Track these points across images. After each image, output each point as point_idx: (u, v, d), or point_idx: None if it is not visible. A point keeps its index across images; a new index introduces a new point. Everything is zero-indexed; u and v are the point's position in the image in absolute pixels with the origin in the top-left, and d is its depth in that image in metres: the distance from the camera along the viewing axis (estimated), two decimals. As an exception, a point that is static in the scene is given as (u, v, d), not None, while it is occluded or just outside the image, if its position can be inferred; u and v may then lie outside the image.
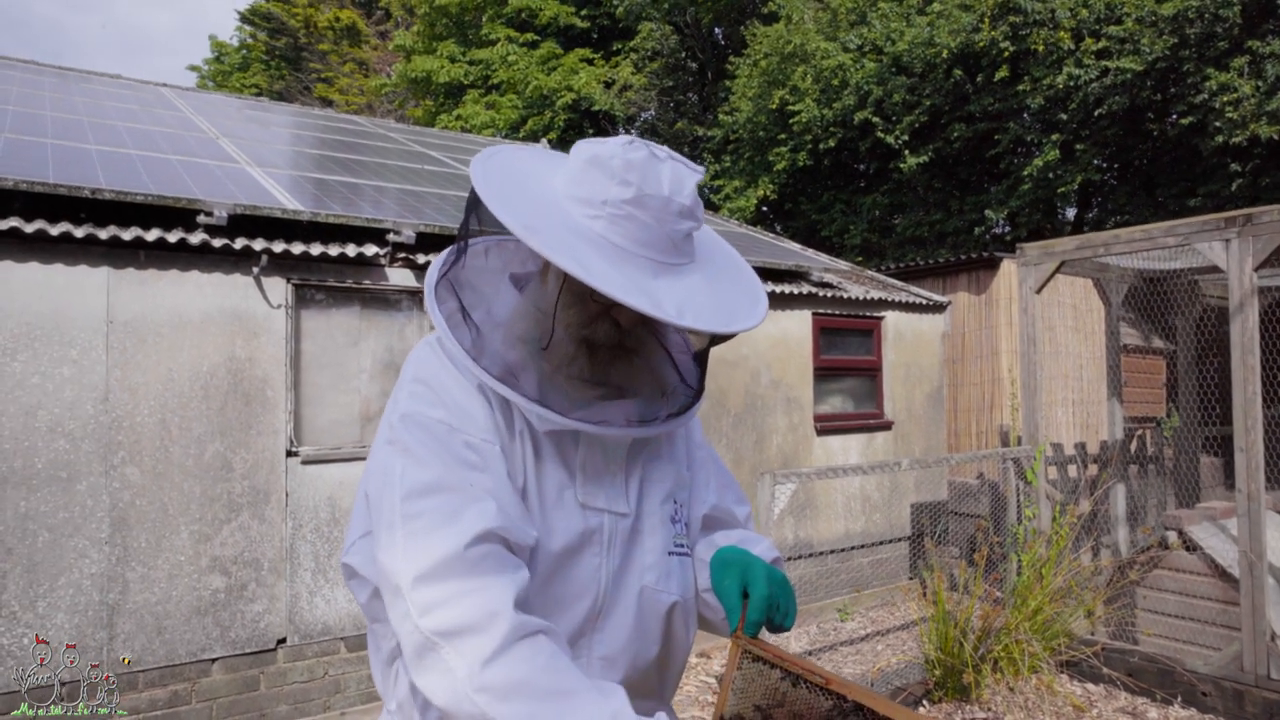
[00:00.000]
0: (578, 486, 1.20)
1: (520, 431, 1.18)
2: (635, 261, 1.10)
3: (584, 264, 1.03)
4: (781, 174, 15.95)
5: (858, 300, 6.84)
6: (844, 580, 6.67)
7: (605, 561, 1.20)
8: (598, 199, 1.11)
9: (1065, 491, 5.99)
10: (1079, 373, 8.76)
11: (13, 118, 5.51)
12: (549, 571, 1.17)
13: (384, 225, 4.72)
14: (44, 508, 3.74)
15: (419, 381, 1.18)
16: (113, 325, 3.92)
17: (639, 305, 1.03)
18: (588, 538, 1.19)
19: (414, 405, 1.15)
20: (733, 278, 1.22)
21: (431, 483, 1.08)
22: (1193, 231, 4.56)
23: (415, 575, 1.02)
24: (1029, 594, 4.52)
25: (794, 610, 1.18)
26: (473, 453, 1.12)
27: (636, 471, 1.26)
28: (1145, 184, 13.92)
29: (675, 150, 1.17)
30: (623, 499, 1.23)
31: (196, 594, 4.05)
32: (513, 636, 0.99)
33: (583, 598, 1.19)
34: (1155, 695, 4.46)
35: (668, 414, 1.23)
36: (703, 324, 1.09)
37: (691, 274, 1.15)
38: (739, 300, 1.18)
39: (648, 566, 1.23)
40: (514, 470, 1.16)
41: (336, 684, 4.43)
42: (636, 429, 1.19)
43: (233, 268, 4.23)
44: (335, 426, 4.53)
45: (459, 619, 0.99)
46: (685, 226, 1.13)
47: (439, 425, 1.13)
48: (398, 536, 1.05)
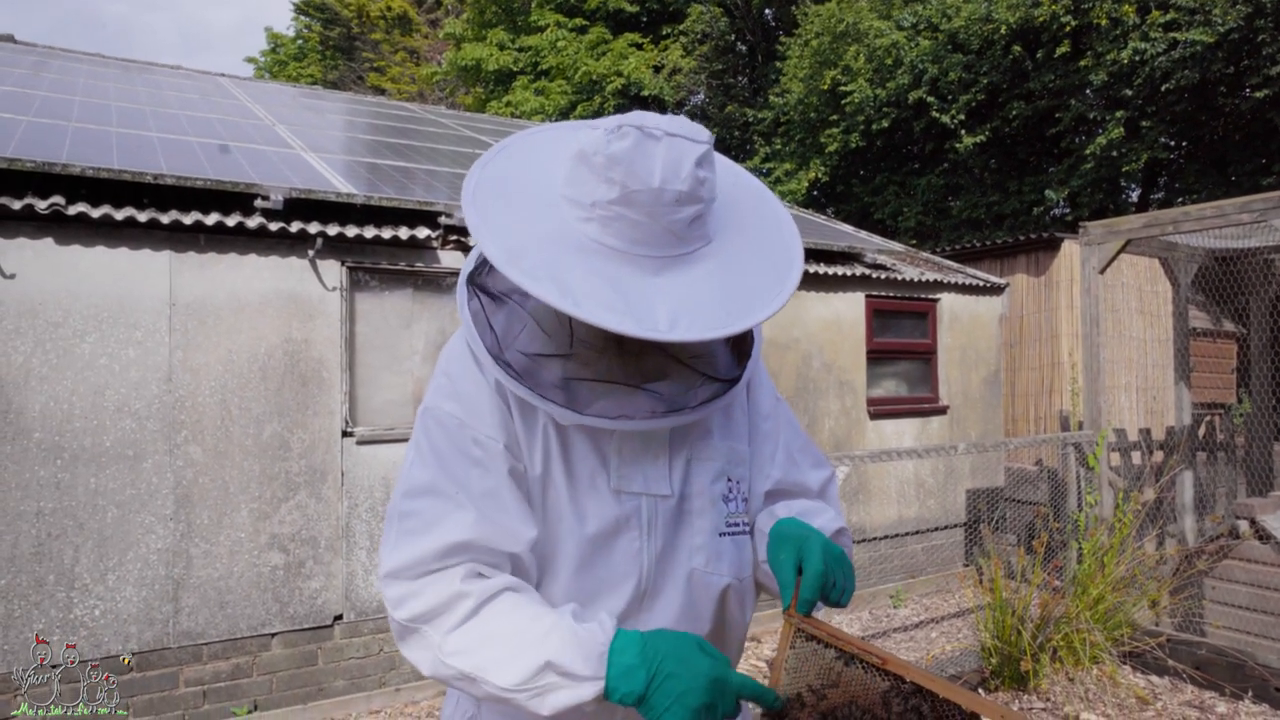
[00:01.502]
0: (611, 472, 1.18)
1: (545, 423, 1.17)
2: (634, 263, 1.04)
3: (564, 287, 0.99)
4: (833, 156, 15.72)
5: (912, 282, 6.70)
6: (897, 566, 6.57)
7: (646, 545, 1.18)
8: (586, 200, 1.05)
9: (1128, 478, 5.81)
10: (1143, 357, 8.48)
11: (80, 108, 5.67)
12: (587, 555, 1.17)
13: (435, 208, 4.75)
14: (112, 485, 3.86)
15: (444, 374, 1.20)
16: (175, 308, 4.02)
17: (621, 328, 0.97)
18: (623, 522, 1.17)
19: (434, 399, 1.19)
20: (759, 249, 1.12)
21: (426, 485, 1.13)
22: (1270, 207, 4.36)
23: (386, 571, 1.11)
24: (1090, 582, 4.40)
25: (851, 586, 1.14)
26: (479, 448, 1.14)
27: (683, 452, 1.22)
28: (1216, 162, 13.38)
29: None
30: (665, 481, 1.20)
31: (256, 570, 4.16)
32: (476, 605, 1.07)
33: (627, 580, 1.18)
34: (1224, 690, 4.31)
35: (700, 400, 1.17)
36: (697, 333, 1.00)
37: (704, 261, 1.07)
38: (758, 282, 1.08)
39: (696, 548, 1.21)
40: (529, 463, 1.16)
41: (392, 661, 4.51)
42: (661, 420, 1.14)
43: (288, 251, 4.30)
44: (389, 407, 4.59)
45: (425, 606, 1.08)
46: (686, 214, 1.04)
47: (451, 419, 1.16)
48: (392, 531, 1.14)
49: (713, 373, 1.18)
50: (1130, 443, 6.26)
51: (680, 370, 1.17)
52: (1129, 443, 6.25)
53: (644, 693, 1.00)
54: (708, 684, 1.01)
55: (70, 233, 3.82)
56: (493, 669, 1.04)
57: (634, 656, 1.02)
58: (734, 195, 1.18)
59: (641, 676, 1.01)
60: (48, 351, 3.76)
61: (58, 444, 3.75)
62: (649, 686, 1.00)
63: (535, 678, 1.02)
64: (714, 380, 1.19)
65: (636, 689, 1.00)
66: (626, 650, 1.03)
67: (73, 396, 3.79)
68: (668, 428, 1.18)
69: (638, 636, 1.04)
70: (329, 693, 4.34)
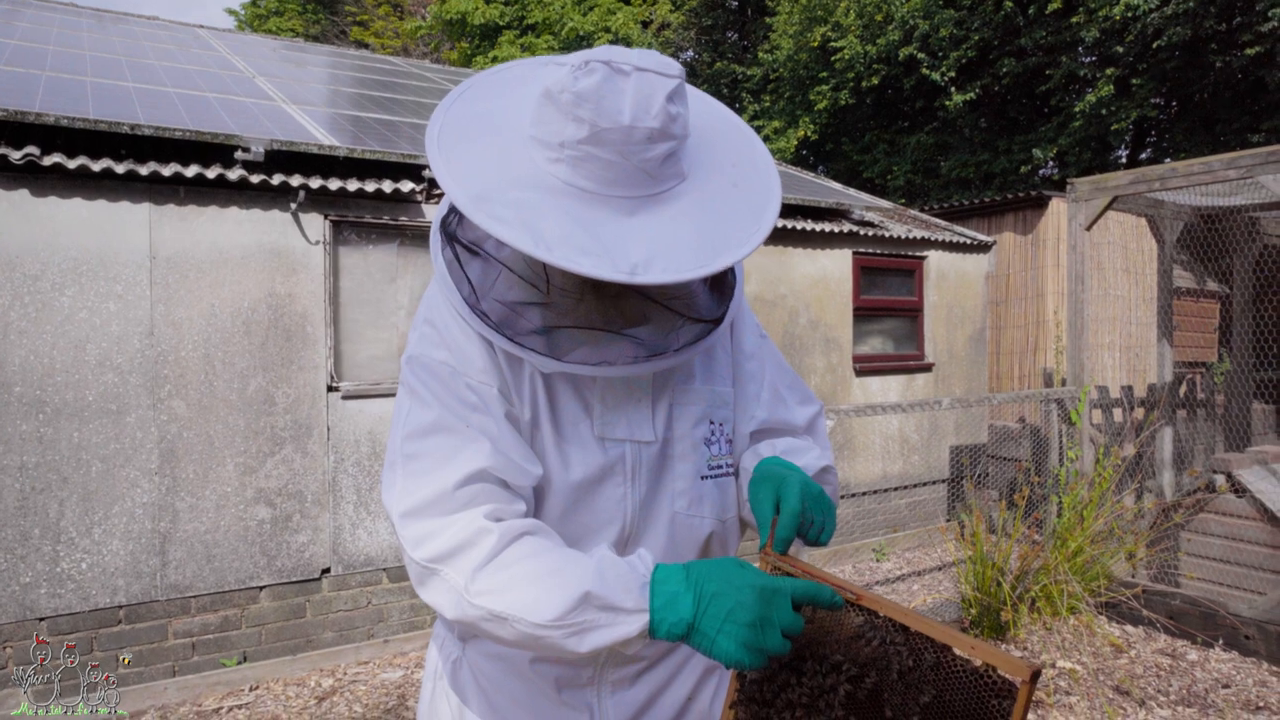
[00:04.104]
0: (595, 419, 1.17)
1: (530, 371, 1.16)
2: (606, 204, 1.01)
3: (535, 232, 0.96)
4: (823, 114, 15.58)
5: (899, 239, 6.70)
6: (881, 521, 6.66)
7: (630, 491, 1.19)
8: (555, 140, 1.01)
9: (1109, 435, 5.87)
10: (1127, 315, 8.53)
11: (53, 57, 5.54)
12: (571, 502, 1.17)
13: (420, 161, 4.69)
14: (96, 439, 3.85)
15: (428, 323, 1.18)
16: (155, 261, 3.97)
17: (595, 272, 0.94)
18: (608, 469, 1.17)
19: (421, 347, 1.16)
20: (735, 186, 1.09)
21: (431, 424, 1.11)
22: (1257, 163, 4.35)
23: (403, 512, 1.08)
24: (1069, 535, 4.47)
25: (831, 524, 1.14)
26: (473, 394, 1.12)
27: (665, 397, 1.21)
28: (1204, 121, 13.34)
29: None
30: (648, 426, 1.19)
31: (243, 524, 4.17)
32: (500, 544, 1.04)
33: (610, 525, 1.18)
34: (1196, 638, 4.41)
35: (681, 344, 1.15)
36: (673, 275, 0.97)
37: (679, 199, 1.04)
38: (734, 221, 1.05)
39: (679, 492, 1.21)
40: (519, 409, 1.15)
41: (380, 613, 4.56)
42: (643, 365, 1.12)
43: (271, 204, 4.25)
44: (374, 362, 4.58)
45: (447, 544, 1.04)
46: (658, 151, 1.01)
47: (442, 367, 1.13)
48: (397, 475, 1.11)
49: (693, 314, 1.17)
50: (1112, 399, 6.32)
51: (660, 313, 1.16)
52: (1111, 399, 6.30)
53: (692, 619, 0.96)
54: (757, 595, 0.96)
55: (46, 184, 3.76)
56: (526, 606, 0.99)
57: (678, 583, 0.99)
58: (708, 130, 1.14)
59: (688, 602, 0.97)
60: (26, 305, 3.71)
61: (39, 398, 3.73)
62: (696, 611, 0.96)
63: (574, 612, 0.98)
64: (695, 322, 1.17)
65: (685, 616, 0.96)
66: (669, 579, 0.99)
67: (53, 350, 3.76)
68: (650, 373, 1.18)
69: (679, 566, 1.01)
70: (318, 644, 4.38)
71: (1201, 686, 3.90)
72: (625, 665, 1.25)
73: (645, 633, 0.98)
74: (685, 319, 1.16)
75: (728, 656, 0.96)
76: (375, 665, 4.34)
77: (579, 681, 1.24)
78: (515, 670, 1.24)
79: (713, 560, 1.02)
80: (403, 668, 4.31)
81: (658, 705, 1.28)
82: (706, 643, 0.97)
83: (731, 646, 0.96)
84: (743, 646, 0.95)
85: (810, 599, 1.01)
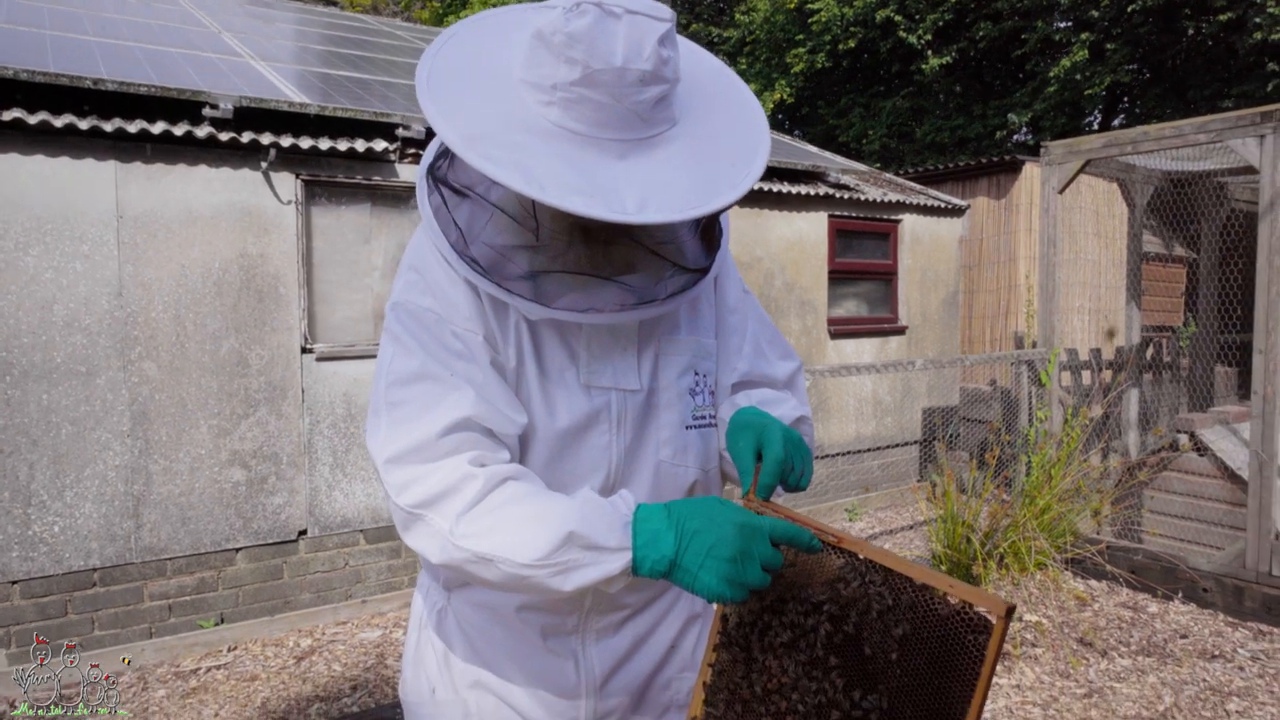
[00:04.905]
0: (581, 367, 1.18)
1: (516, 319, 1.16)
2: (599, 147, 1.01)
3: (528, 172, 0.96)
4: (799, 77, 15.49)
5: (875, 203, 6.71)
6: (853, 482, 6.75)
7: (615, 439, 1.20)
8: (547, 83, 1.01)
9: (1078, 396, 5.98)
10: (1098, 279, 8.65)
11: (7, 7, 5.35)
12: (557, 449, 1.18)
13: (393, 119, 4.62)
14: (65, 401, 3.79)
15: (413, 269, 1.17)
16: (123, 220, 3.89)
17: (589, 211, 0.94)
18: (594, 417, 1.18)
19: (406, 294, 1.16)
20: (725, 132, 1.10)
21: (415, 372, 1.10)
22: (1226, 127, 4.41)
23: (388, 458, 1.08)
24: (1038, 494, 4.57)
25: (810, 470, 1.16)
26: (459, 341, 1.12)
27: (651, 346, 1.22)
28: (1176, 86, 13.45)
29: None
30: (633, 375, 1.20)
31: (218, 486, 4.14)
32: (485, 489, 1.05)
33: (595, 473, 1.20)
34: (1156, 592, 4.54)
35: (669, 292, 1.16)
36: (666, 215, 0.98)
37: (670, 143, 1.04)
38: (724, 165, 1.05)
39: (664, 441, 1.23)
40: (505, 357, 1.15)
41: (357, 574, 4.57)
42: (630, 312, 1.13)
43: (241, 162, 4.17)
44: (349, 324, 4.54)
45: (432, 489, 1.05)
46: (650, 94, 1.01)
47: (428, 314, 1.13)
48: (381, 423, 1.10)
49: (681, 262, 1.17)
50: (1081, 362, 6.42)
51: (648, 261, 1.15)
52: (1080, 362, 6.41)
53: (674, 556, 0.99)
54: (736, 531, 0.99)
55: (6, 140, 3.65)
56: (512, 547, 1.01)
57: (660, 522, 1.01)
58: (698, 77, 1.14)
59: (670, 540, 0.99)
60: (-10, 264, 3.63)
61: (5, 360, 3.66)
62: (678, 548, 0.99)
63: (558, 552, 0.99)
64: (683, 271, 1.17)
65: (666, 553, 0.99)
66: (651, 517, 1.01)
67: (18, 311, 3.69)
68: (636, 321, 1.18)
69: (660, 505, 1.04)
70: (295, 605, 4.39)
71: (1161, 637, 4.03)
72: (610, 613, 1.27)
73: (628, 570, 1.00)
74: (673, 266, 1.16)
75: (709, 590, 0.99)
76: (353, 625, 4.36)
77: (564, 629, 1.26)
78: (501, 618, 1.26)
79: (694, 499, 1.04)
80: (381, 628, 4.33)
81: (641, 652, 1.31)
82: (689, 578, 0.99)
83: (713, 581, 0.98)
84: (724, 580, 0.98)
85: (788, 537, 1.03)
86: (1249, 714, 3.31)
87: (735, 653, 1.13)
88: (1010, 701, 3.45)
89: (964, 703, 0.94)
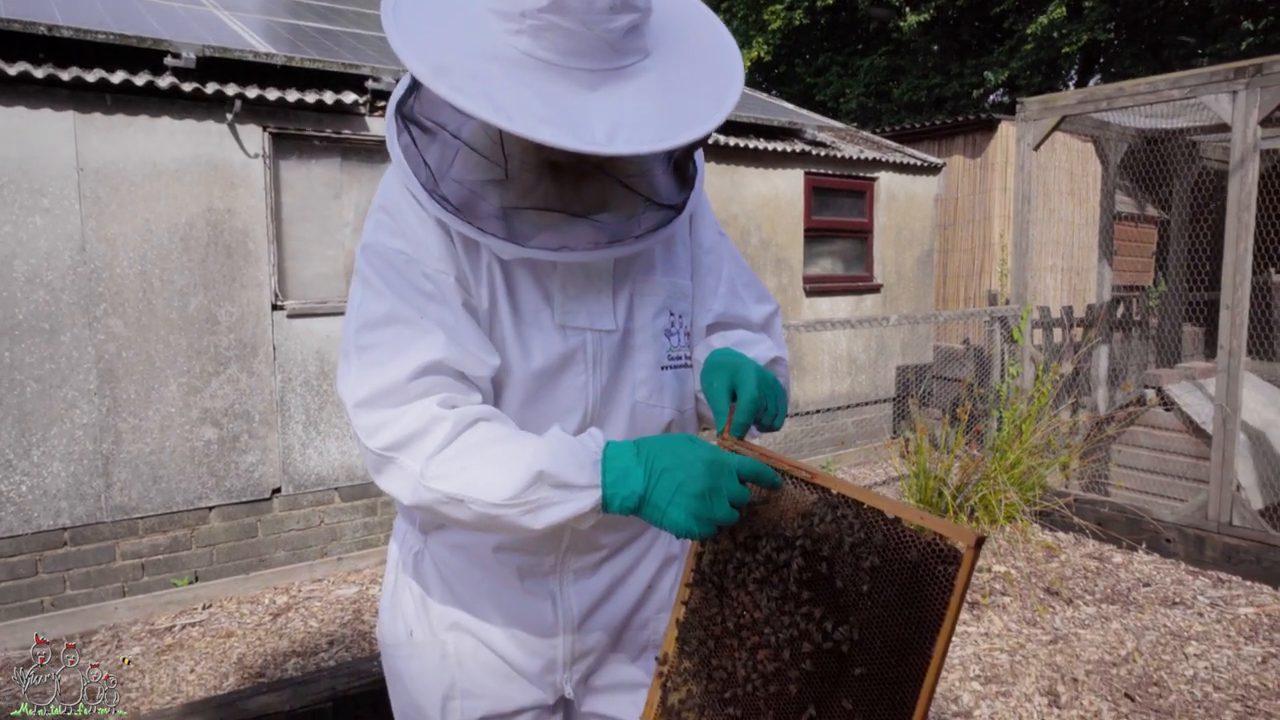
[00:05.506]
0: (555, 307, 1.17)
1: (489, 259, 1.14)
2: (569, 76, 0.98)
3: (495, 101, 0.93)
4: (776, 34, 15.33)
5: (851, 160, 6.69)
6: (828, 439, 6.82)
7: (591, 379, 1.19)
8: (515, 10, 0.98)
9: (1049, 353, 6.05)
10: (1070, 238, 8.72)
11: (-42, -47, 5.14)
12: (532, 391, 1.17)
13: (362, 71, 4.51)
14: (29, 359, 3.72)
15: (383, 210, 1.15)
16: (84, 173, 3.79)
17: (558, 141, 0.92)
18: (569, 357, 1.18)
19: (376, 235, 1.14)
20: (698, 65, 1.07)
21: (385, 315, 1.09)
22: (1200, 83, 4.42)
23: (357, 401, 1.08)
24: (1008, 448, 4.64)
25: (784, 410, 1.17)
26: (430, 283, 1.11)
27: (626, 286, 1.21)
28: (1152, 46, 13.47)
29: None
30: (609, 316, 1.20)
31: (189, 445, 4.10)
32: (455, 431, 1.05)
33: (572, 414, 1.19)
34: (1121, 543, 4.65)
35: (643, 230, 1.14)
36: (637, 146, 0.96)
37: (640, 75, 1.02)
38: (697, 98, 1.03)
39: (639, 382, 1.22)
40: (477, 298, 1.14)
41: (333, 531, 4.56)
42: (604, 250, 1.11)
43: (205, 114, 4.06)
44: (320, 280, 4.47)
45: (401, 432, 1.05)
46: (621, 22, 0.98)
47: (398, 255, 1.12)
48: (351, 366, 1.10)
49: (655, 198, 1.15)
50: (1053, 319, 6.49)
51: (622, 198, 1.13)
52: (1052, 319, 6.48)
53: (643, 492, 1.00)
54: (705, 468, 1.00)
55: (-41, 88, 3.53)
56: (482, 487, 1.01)
57: (629, 459, 1.02)
58: (673, 10, 1.12)
59: (639, 476, 1.00)
60: (-54, 217, 3.53)
61: (-34, 316, 3.58)
62: (647, 485, 1.00)
63: (528, 490, 1.00)
64: (656, 208, 1.15)
65: (635, 490, 1.00)
66: (620, 455, 1.02)
67: (-22, 266, 3.59)
68: (610, 259, 1.17)
69: (629, 443, 1.04)
70: (270, 563, 4.38)
71: (1125, 585, 4.13)
72: (587, 553, 1.27)
73: (598, 508, 1.01)
74: (647, 202, 1.14)
75: (677, 526, 1.00)
76: (329, 582, 4.36)
77: (541, 570, 1.26)
78: (478, 560, 1.26)
79: (663, 436, 1.05)
80: (357, 584, 4.34)
81: (619, 593, 1.31)
82: (657, 514, 1.00)
83: (681, 517, 0.99)
84: (692, 516, 0.99)
85: (755, 474, 1.05)
86: (1206, 656, 3.41)
87: (708, 590, 1.14)
88: (978, 649, 3.52)
89: (933, 631, 0.96)
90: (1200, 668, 3.33)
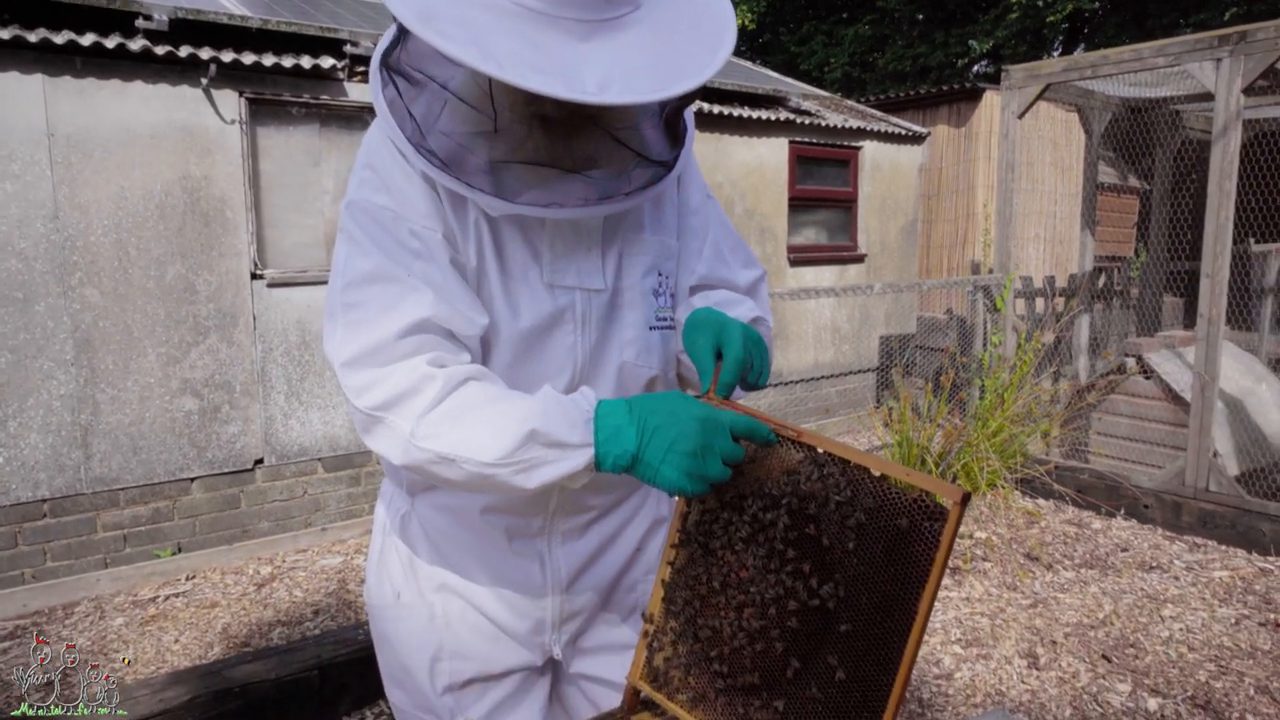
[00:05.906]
0: (544, 265, 1.15)
1: (476, 216, 1.12)
2: (559, 26, 0.96)
3: (484, 49, 0.91)
4: (761, 3, 15.17)
5: (836, 129, 6.66)
6: (811, 408, 6.85)
7: (580, 339, 1.18)
8: None
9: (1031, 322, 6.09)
10: (1053, 209, 8.74)
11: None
12: (521, 350, 1.16)
13: (340, 35, 4.43)
14: (2, 329, 3.66)
15: (368, 167, 1.13)
16: (54, 139, 3.71)
17: (549, 89, 0.90)
18: (558, 316, 1.16)
19: (360, 192, 1.12)
20: (690, 17, 1.05)
21: (371, 272, 1.07)
22: (1184, 51, 4.41)
23: (344, 361, 1.06)
24: (990, 416, 4.67)
25: (768, 369, 1.16)
26: (416, 240, 1.09)
27: (615, 245, 1.20)
28: (1136, 16, 13.44)
29: None
30: (598, 274, 1.18)
31: (170, 415, 4.06)
32: (445, 390, 1.03)
33: (561, 373, 1.18)
34: (1100, 509, 4.71)
35: (633, 187, 1.13)
36: (630, 96, 0.94)
37: (632, 26, 1.00)
38: (689, 50, 1.01)
39: (627, 342, 1.21)
40: (465, 255, 1.12)
41: (316, 502, 4.54)
42: (594, 207, 1.10)
43: (179, 79, 3.97)
44: (300, 249, 4.42)
45: (391, 391, 1.03)
46: None
47: (384, 212, 1.09)
48: (338, 325, 1.08)
49: (645, 153, 1.13)
50: (1035, 289, 6.52)
51: (612, 153, 1.11)
52: (1034, 289, 6.51)
53: (636, 450, 0.99)
54: (698, 426, 0.99)
55: (-77, 50, 3.44)
56: (473, 446, 1.00)
57: (621, 417, 1.01)
58: None
59: (632, 435, 0.99)
60: (-87, 184, 3.45)
61: (-63, 285, 3.51)
62: (640, 443, 0.99)
63: (520, 449, 0.99)
64: (647, 164, 1.13)
65: (628, 448, 0.99)
66: (613, 413, 1.01)
67: (-52, 234, 3.52)
68: (600, 216, 1.15)
69: (621, 401, 1.03)
70: (254, 534, 4.37)
71: (1103, 550, 4.20)
72: (576, 515, 1.27)
73: (591, 466, 1.00)
74: (637, 157, 1.12)
75: (670, 484, 0.99)
76: (314, 553, 4.36)
77: (529, 531, 1.25)
78: (465, 521, 1.25)
79: (655, 394, 1.04)
80: (342, 554, 4.34)
81: (607, 555, 1.31)
82: (650, 472, 0.99)
83: (674, 474, 0.98)
84: (685, 474, 0.98)
85: (749, 431, 1.03)
86: (1182, 618, 3.48)
87: (694, 550, 1.13)
88: (960, 613, 3.57)
89: (918, 587, 0.96)
90: (1176, 629, 3.39)
